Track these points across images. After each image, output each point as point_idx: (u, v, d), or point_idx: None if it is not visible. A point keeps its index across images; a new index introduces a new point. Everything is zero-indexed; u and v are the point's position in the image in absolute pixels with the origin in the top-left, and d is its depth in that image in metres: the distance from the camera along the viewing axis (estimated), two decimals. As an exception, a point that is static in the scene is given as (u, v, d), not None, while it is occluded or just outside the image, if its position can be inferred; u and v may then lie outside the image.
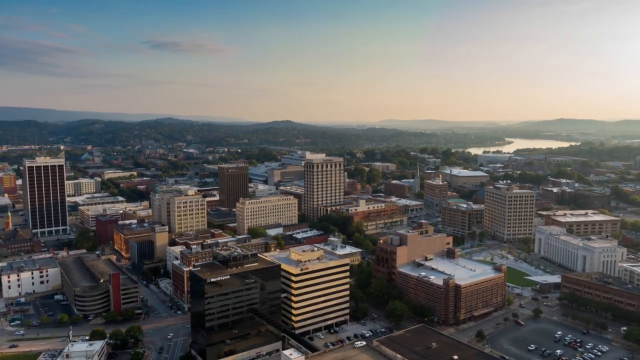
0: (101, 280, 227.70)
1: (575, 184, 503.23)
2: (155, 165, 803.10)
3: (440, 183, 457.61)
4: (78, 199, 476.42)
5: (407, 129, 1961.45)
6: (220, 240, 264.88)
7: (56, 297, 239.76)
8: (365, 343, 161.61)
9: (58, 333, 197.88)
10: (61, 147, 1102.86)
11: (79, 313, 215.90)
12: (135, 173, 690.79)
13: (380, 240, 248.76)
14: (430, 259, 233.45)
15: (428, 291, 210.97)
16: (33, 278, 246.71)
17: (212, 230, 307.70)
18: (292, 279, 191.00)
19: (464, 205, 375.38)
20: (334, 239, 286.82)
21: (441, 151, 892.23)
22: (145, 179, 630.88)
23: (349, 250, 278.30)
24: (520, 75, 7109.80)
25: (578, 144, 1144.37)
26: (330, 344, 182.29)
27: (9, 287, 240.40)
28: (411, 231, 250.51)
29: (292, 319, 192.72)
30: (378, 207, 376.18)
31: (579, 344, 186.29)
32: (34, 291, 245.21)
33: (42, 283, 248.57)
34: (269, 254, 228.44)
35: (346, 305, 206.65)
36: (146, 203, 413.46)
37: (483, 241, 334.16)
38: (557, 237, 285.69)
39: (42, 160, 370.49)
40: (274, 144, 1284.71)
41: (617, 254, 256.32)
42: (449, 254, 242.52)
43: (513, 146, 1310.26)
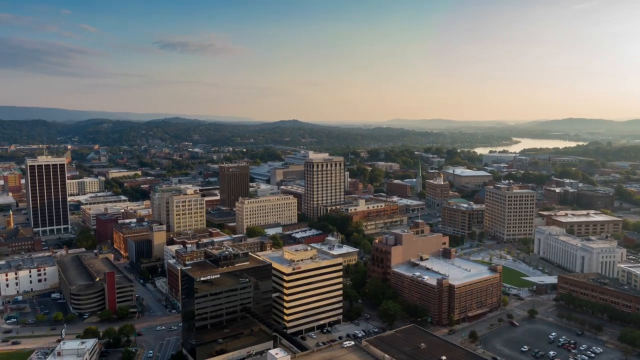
0: (97, 279, 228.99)
1: (579, 184, 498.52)
2: (160, 165, 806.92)
3: (442, 183, 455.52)
4: (81, 197, 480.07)
5: (415, 129, 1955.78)
6: (215, 240, 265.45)
7: (53, 296, 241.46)
8: (353, 343, 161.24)
9: (53, 331, 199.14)
10: (68, 147, 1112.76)
11: (74, 311, 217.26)
12: (139, 172, 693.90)
13: (376, 240, 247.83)
14: (426, 259, 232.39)
15: (422, 291, 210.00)
16: (31, 276, 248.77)
17: (210, 230, 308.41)
18: (284, 278, 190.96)
19: (464, 205, 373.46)
20: (331, 238, 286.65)
21: (445, 151, 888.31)
22: (149, 178, 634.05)
23: (345, 250, 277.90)
24: (529, 75, 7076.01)
25: (585, 143, 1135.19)
26: (322, 344, 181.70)
27: (7, 285, 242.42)
28: (406, 231, 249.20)
29: (284, 318, 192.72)
30: (378, 207, 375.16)
31: (573, 346, 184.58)
32: (31, 289, 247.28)
33: (40, 281, 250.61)
34: (263, 253, 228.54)
35: (339, 305, 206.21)
36: (148, 202, 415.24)
37: (483, 241, 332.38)
38: (556, 238, 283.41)
39: (44, 159, 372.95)
40: (279, 144, 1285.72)
41: (616, 255, 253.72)
42: (445, 254, 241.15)
43: (520, 146, 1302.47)
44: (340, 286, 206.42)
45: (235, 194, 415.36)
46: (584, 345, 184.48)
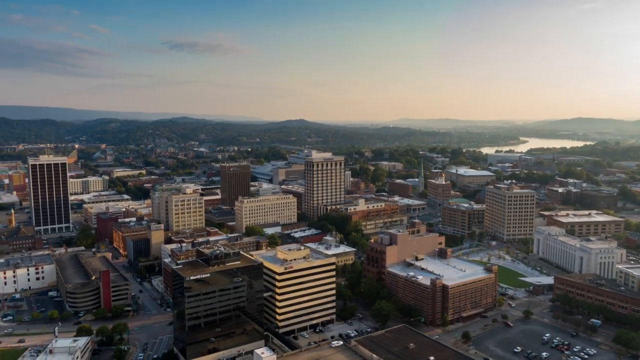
0: (93, 277, 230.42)
1: (583, 184, 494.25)
2: (164, 164, 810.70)
3: (443, 182, 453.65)
4: (85, 196, 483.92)
5: (421, 128, 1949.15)
6: (212, 239, 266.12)
7: (50, 294, 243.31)
8: (342, 342, 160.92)
9: (48, 329, 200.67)
10: (75, 146, 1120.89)
11: (70, 309, 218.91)
12: (144, 171, 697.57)
13: (371, 240, 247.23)
14: (421, 259, 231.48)
15: (415, 291, 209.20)
16: (29, 274, 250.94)
17: (208, 229, 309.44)
18: (276, 277, 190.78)
19: (465, 205, 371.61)
20: (329, 238, 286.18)
21: (450, 150, 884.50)
22: (153, 177, 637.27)
23: (342, 249, 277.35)
24: (536, 75, 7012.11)
25: (593, 143, 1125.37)
26: (313, 343, 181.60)
27: (5, 284, 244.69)
28: (401, 231, 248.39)
29: (277, 317, 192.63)
30: (378, 207, 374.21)
31: (566, 347, 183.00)
32: (29, 287, 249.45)
33: (38, 279, 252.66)
34: (258, 252, 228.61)
35: (332, 304, 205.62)
36: (149, 201, 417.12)
37: (482, 241, 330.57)
38: (555, 238, 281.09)
39: (46, 159, 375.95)
40: (285, 143, 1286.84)
41: (615, 256, 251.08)
42: (441, 254, 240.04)
43: (527, 145, 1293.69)
44: (333, 286, 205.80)
45: (236, 193, 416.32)
46: (577, 347, 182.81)
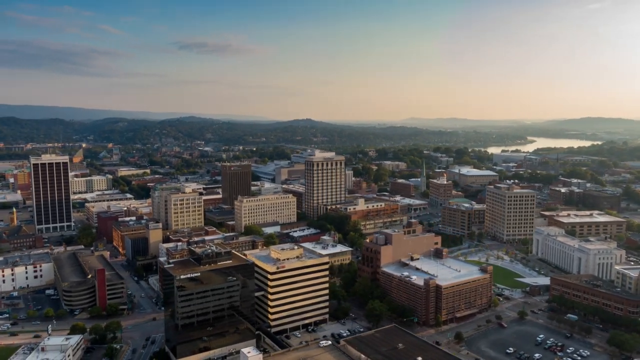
0: (89, 276, 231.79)
1: (587, 184, 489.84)
2: (169, 163, 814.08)
3: (445, 182, 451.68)
4: (88, 195, 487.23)
5: (429, 128, 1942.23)
6: (207, 238, 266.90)
7: (47, 292, 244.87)
8: (330, 342, 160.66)
9: (42, 327, 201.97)
10: (83, 145, 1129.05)
11: (66, 308, 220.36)
12: (148, 171, 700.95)
13: (367, 240, 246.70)
14: (417, 259, 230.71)
15: (409, 291, 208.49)
16: (27, 273, 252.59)
17: (207, 228, 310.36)
18: (269, 277, 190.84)
19: (465, 205, 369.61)
20: (326, 237, 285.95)
21: (455, 150, 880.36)
22: (157, 176, 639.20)
23: (339, 249, 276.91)
24: (545, 74, 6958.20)
25: (601, 143, 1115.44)
26: (305, 343, 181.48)
27: (3, 281, 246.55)
28: (397, 230, 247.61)
29: (269, 317, 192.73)
30: (377, 207, 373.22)
31: (559, 348, 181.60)
32: (27, 285, 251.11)
33: (36, 278, 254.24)
34: (253, 251, 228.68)
35: (325, 304, 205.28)
36: (150, 200, 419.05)
37: (482, 241, 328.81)
38: (554, 238, 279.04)
39: (47, 158, 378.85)
40: (291, 143, 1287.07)
41: (614, 256, 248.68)
42: (436, 254, 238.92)
43: (535, 145, 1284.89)
44: (326, 285, 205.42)
45: (237, 192, 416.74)
46: (571, 348, 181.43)
